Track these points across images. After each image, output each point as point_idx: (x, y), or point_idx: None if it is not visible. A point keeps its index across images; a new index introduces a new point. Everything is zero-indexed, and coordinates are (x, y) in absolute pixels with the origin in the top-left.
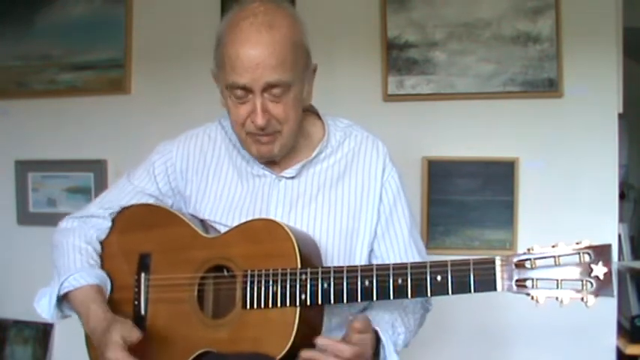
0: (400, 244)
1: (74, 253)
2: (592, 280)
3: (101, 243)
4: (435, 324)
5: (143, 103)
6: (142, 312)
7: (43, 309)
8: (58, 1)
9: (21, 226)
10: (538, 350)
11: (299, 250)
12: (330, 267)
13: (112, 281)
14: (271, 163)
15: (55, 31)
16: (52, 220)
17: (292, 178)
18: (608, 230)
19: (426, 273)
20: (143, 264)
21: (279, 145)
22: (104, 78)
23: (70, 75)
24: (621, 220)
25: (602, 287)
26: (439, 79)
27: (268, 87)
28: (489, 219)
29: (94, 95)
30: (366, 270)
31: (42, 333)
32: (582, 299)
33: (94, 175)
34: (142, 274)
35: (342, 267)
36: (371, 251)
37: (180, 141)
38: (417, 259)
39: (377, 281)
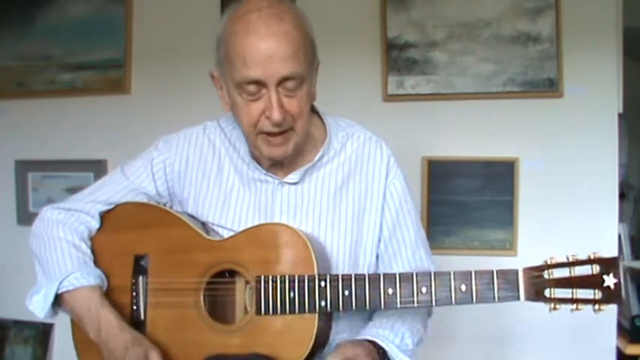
0: (408, 247)
1: (68, 248)
2: (603, 290)
3: (91, 240)
4: (436, 323)
5: (143, 103)
6: (142, 317)
7: (37, 307)
8: (58, 1)
9: (21, 226)
10: (538, 350)
11: (316, 257)
12: (350, 274)
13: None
14: (274, 165)
15: (55, 31)
16: None
17: (295, 183)
18: (608, 230)
19: (450, 282)
20: (139, 266)
21: (292, 144)
22: (104, 78)
23: (70, 75)
24: (621, 220)
25: (612, 296)
26: (439, 79)
27: (283, 80)
28: (489, 219)
29: (94, 95)
30: (390, 278)
31: (42, 333)
32: (594, 306)
33: (94, 175)
34: (140, 277)
35: (363, 274)
36: (377, 256)
37: (180, 140)
38: (426, 263)
39: (400, 289)
